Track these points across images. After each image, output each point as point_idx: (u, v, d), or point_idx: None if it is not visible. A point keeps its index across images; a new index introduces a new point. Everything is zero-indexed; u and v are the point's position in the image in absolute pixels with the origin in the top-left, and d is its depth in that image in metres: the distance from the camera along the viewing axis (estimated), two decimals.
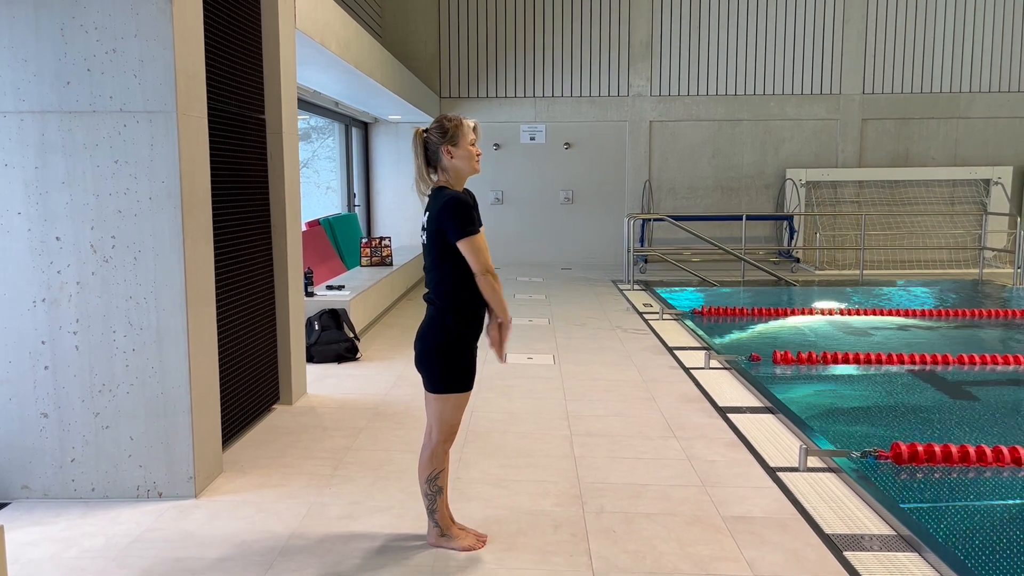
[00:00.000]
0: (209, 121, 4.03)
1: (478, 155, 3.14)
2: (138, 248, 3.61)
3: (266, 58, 4.97)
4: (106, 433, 3.70)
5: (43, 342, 3.64)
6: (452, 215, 3.00)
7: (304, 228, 8.32)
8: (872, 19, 13.09)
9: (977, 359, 6.34)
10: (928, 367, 6.24)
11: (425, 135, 3.13)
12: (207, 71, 4.03)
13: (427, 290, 3.17)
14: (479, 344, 3.18)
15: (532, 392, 5.58)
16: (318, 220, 9.35)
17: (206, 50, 4.00)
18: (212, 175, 4.07)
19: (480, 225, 3.07)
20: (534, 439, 4.60)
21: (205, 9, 4.02)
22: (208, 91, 4.04)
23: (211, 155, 4.07)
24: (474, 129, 3.14)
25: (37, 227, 3.59)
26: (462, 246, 3.00)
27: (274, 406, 5.18)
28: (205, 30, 3.99)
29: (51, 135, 3.55)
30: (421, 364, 3.15)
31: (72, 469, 3.71)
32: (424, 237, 3.14)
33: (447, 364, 3.09)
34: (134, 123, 3.56)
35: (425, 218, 3.13)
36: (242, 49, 4.61)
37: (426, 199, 3.20)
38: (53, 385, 3.66)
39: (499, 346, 3.17)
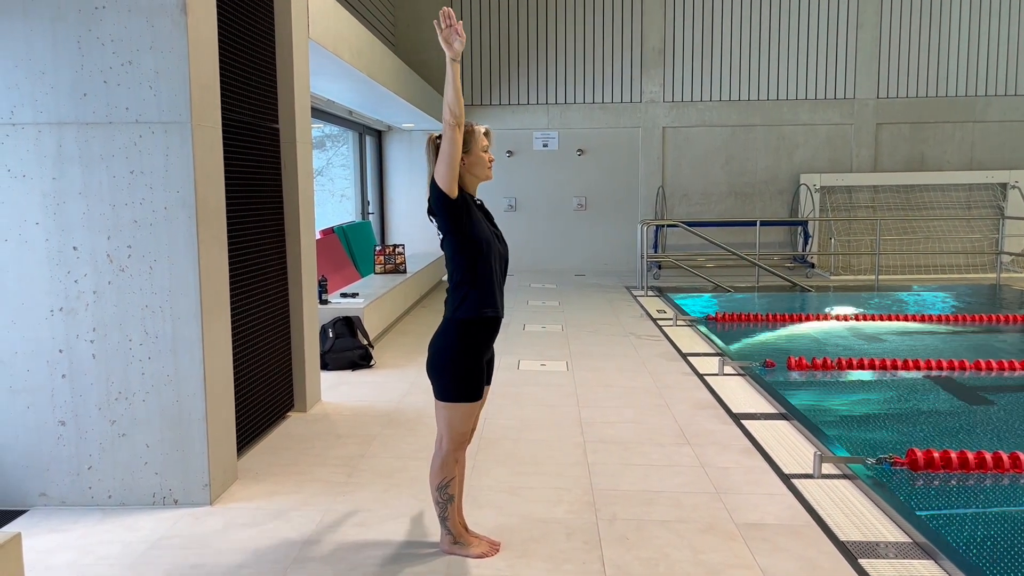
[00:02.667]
0: (223, 131, 4.07)
1: (490, 161, 3.15)
2: (154, 257, 3.65)
3: (280, 68, 5.01)
4: (122, 441, 3.73)
5: (60, 351, 3.68)
6: (432, 194, 3.02)
7: (318, 236, 8.36)
8: (886, 23, 13.04)
9: (994, 365, 6.29)
10: (944, 373, 6.20)
11: (438, 141, 3.14)
12: (221, 81, 4.07)
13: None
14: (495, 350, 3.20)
15: (545, 399, 5.58)
16: (332, 228, 9.39)
17: (220, 60, 4.04)
18: (227, 184, 4.10)
19: (478, 227, 3.07)
20: (547, 446, 4.60)
21: (219, 20, 4.07)
22: (222, 101, 4.08)
23: (225, 164, 4.10)
24: (486, 134, 3.14)
25: (54, 237, 3.63)
26: (437, 169, 2.95)
27: (288, 413, 5.20)
28: (219, 41, 4.03)
29: (68, 146, 3.60)
30: (431, 371, 3.16)
31: (89, 476, 3.74)
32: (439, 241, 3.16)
33: (455, 373, 3.09)
34: (150, 134, 3.60)
35: (434, 226, 3.14)
36: (256, 59, 4.66)
37: None
38: (70, 393, 3.70)
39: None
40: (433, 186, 3.00)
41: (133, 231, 3.63)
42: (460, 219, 3.03)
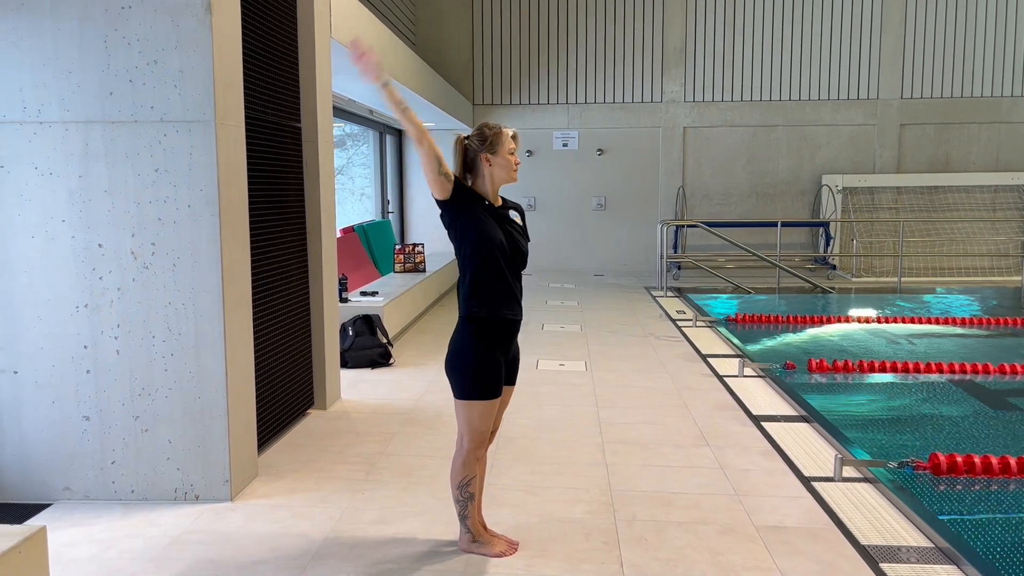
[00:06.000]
0: (246, 129, 4.10)
1: (516, 164, 3.16)
2: (177, 255, 3.68)
3: (302, 67, 5.04)
4: (145, 436, 3.77)
5: (85, 347, 3.72)
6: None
7: (339, 235, 8.40)
8: (911, 22, 12.91)
9: (1019, 368, 6.21)
10: (968, 376, 6.13)
11: (466, 142, 3.16)
12: (245, 80, 4.10)
13: None
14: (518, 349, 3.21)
15: (564, 399, 5.57)
16: (352, 227, 9.43)
17: (244, 60, 4.07)
18: (249, 183, 4.13)
19: (478, 228, 3.08)
20: (565, 446, 4.60)
21: (243, 20, 4.09)
22: (245, 100, 4.11)
23: (248, 163, 4.13)
24: (513, 138, 3.16)
25: (80, 234, 3.67)
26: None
27: (309, 411, 5.23)
28: (243, 40, 4.06)
29: (94, 144, 3.64)
30: (448, 369, 3.17)
31: (112, 471, 3.79)
32: None
33: (472, 371, 3.10)
34: (174, 132, 3.63)
35: None
36: (279, 58, 4.69)
37: None
38: (95, 389, 3.74)
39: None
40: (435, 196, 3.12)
41: (157, 229, 3.67)
42: (456, 218, 3.09)
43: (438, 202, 3.12)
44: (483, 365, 3.10)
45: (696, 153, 13.26)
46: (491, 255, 3.07)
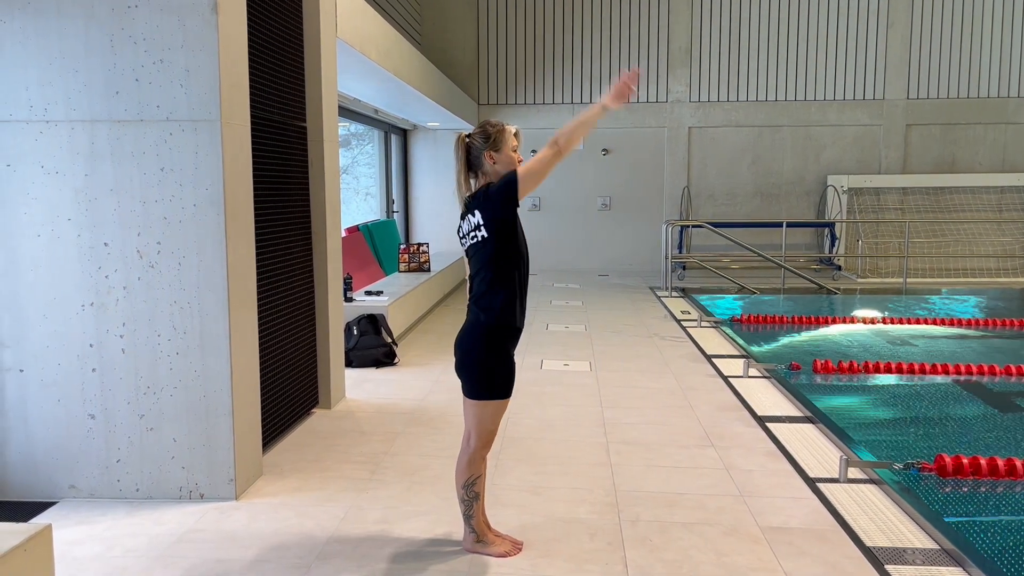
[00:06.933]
0: (252, 129, 4.10)
1: (519, 161, 3.16)
2: (183, 254, 3.69)
3: (307, 66, 5.04)
4: (150, 435, 3.77)
5: (91, 345, 3.73)
6: (501, 185, 3.05)
7: (343, 234, 8.41)
8: (917, 23, 12.88)
9: None
10: (974, 378, 6.11)
11: (468, 140, 3.15)
12: (250, 80, 4.11)
13: (468, 297, 3.19)
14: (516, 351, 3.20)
15: (568, 399, 5.57)
16: (357, 226, 9.44)
17: (249, 59, 4.08)
18: (254, 182, 4.14)
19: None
20: (570, 446, 4.59)
21: (249, 19, 4.10)
22: (251, 99, 4.12)
23: (254, 162, 4.14)
24: (516, 135, 3.16)
25: (86, 233, 3.68)
26: (524, 171, 3.03)
27: (313, 410, 5.24)
28: (248, 40, 4.06)
29: (100, 143, 3.64)
30: (461, 370, 3.17)
31: (117, 470, 3.79)
32: (468, 242, 3.14)
33: (486, 371, 3.10)
34: (180, 132, 3.64)
35: (470, 222, 3.11)
36: (284, 58, 4.69)
37: (462, 206, 3.20)
38: (100, 387, 3.75)
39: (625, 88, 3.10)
40: (510, 187, 3.02)
41: (163, 227, 3.68)
42: (515, 225, 3.09)
43: (513, 205, 3.04)
44: (499, 365, 3.11)
45: (701, 153, 13.25)
46: (526, 261, 3.13)
